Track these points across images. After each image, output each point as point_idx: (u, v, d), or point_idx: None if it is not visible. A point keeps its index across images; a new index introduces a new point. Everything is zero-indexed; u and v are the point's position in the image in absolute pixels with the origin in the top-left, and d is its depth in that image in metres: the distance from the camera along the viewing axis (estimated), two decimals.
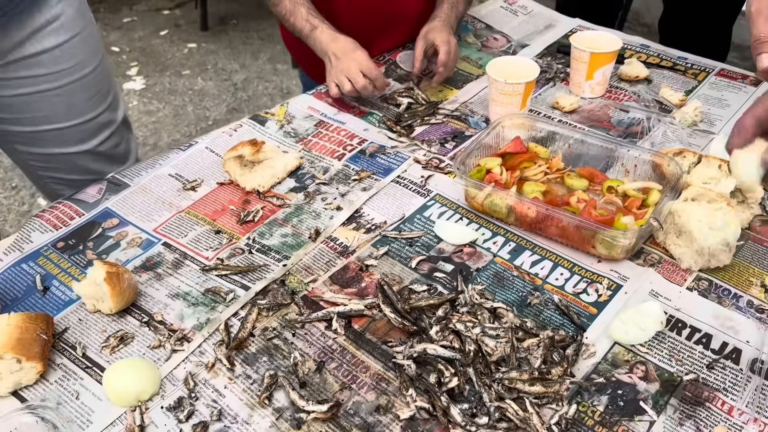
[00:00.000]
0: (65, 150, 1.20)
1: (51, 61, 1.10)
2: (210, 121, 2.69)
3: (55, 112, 1.15)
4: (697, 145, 1.11)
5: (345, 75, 1.20)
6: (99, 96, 1.20)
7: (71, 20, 1.11)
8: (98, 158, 1.24)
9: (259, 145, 1.05)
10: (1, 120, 1.15)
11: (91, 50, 1.17)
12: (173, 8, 3.47)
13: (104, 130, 1.23)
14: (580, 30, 1.46)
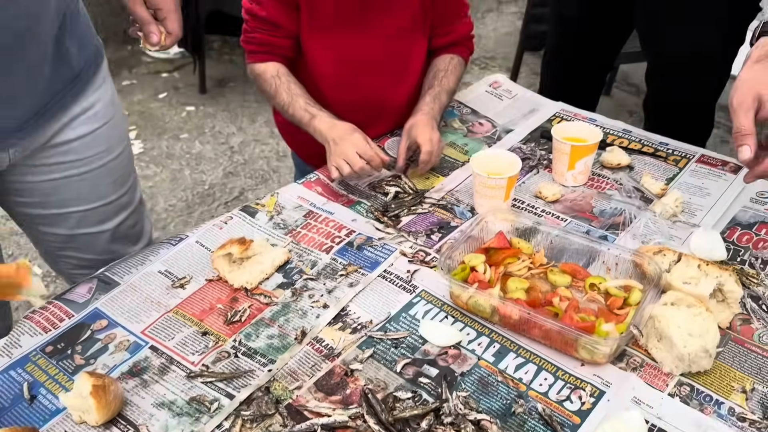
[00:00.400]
0: (87, 230, 1.25)
1: (82, 148, 1.16)
2: (206, 185, 2.73)
3: (80, 195, 1.21)
4: (678, 237, 1.13)
5: (343, 158, 1.23)
6: (122, 179, 1.26)
7: (104, 108, 1.17)
8: (116, 238, 1.29)
9: (248, 244, 1.07)
10: (27, 204, 1.19)
11: (118, 136, 1.23)
12: (172, 71, 3.55)
13: (123, 211, 1.29)
14: (563, 114, 1.50)
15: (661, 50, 1.60)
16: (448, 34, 1.43)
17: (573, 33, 1.79)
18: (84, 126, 1.14)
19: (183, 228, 2.49)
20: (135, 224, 1.34)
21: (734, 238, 1.13)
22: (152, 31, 1.16)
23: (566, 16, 1.78)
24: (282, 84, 1.35)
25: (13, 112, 1.03)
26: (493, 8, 4.21)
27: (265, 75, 1.37)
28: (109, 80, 1.21)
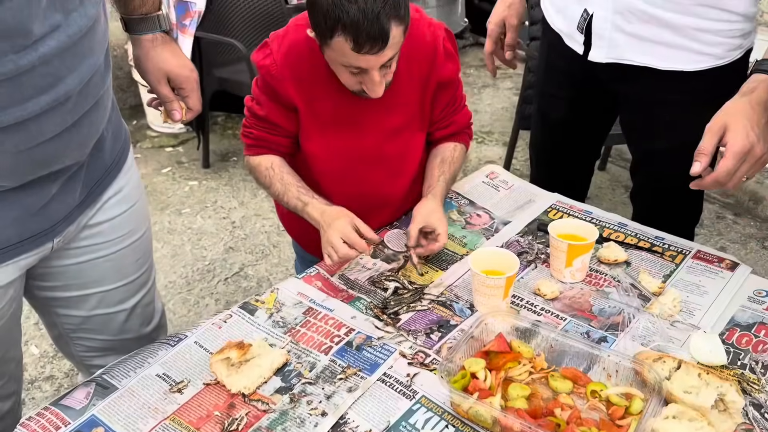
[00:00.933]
0: (104, 311, 1.26)
1: (110, 230, 1.19)
2: (207, 261, 2.74)
3: (104, 276, 1.23)
4: (678, 339, 1.13)
5: (330, 247, 1.25)
6: (144, 257, 1.29)
7: (131, 190, 1.22)
8: (132, 317, 1.30)
9: (246, 348, 1.07)
10: (48, 288, 1.20)
11: (143, 217, 1.27)
12: (176, 145, 3.62)
13: (141, 290, 1.31)
14: (559, 206, 1.52)
15: (647, 145, 1.62)
16: (447, 127, 1.47)
17: (559, 132, 1.79)
18: (114, 209, 1.18)
19: (182, 306, 2.49)
20: (150, 303, 1.36)
21: (733, 340, 1.13)
22: (175, 108, 1.24)
23: (551, 116, 1.79)
24: (275, 175, 1.39)
25: (70, 199, 1.08)
26: (489, 84, 4.34)
27: (259, 167, 1.41)
28: (135, 164, 1.26)
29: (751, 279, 1.27)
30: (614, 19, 1.44)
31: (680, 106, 1.48)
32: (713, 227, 2.89)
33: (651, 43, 1.43)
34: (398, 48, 1.20)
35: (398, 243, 1.42)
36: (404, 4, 1.16)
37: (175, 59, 1.22)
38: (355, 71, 1.20)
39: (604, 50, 1.49)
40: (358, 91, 1.26)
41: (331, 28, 1.13)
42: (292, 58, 1.30)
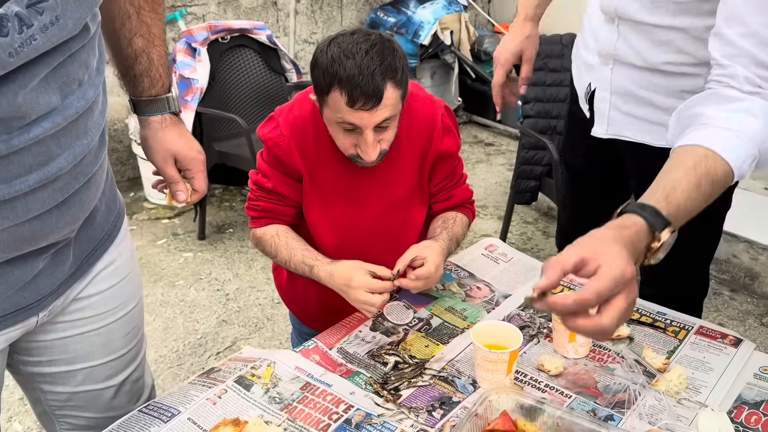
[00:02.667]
0: (92, 387, 1.20)
1: (100, 303, 1.15)
2: (198, 335, 2.69)
3: (92, 350, 1.17)
4: (685, 417, 1.10)
5: (362, 304, 1.27)
6: (133, 332, 1.24)
7: (123, 263, 1.17)
8: (121, 393, 1.25)
9: (242, 425, 1.03)
10: (33, 363, 1.15)
11: (134, 290, 1.23)
12: (172, 217, 3.63)
13: (131, 365, 1.25)
14: None
15: None
16: (447, 200, 1.49)
17: (580, 179, 1.86)
18: (104, 281, 1.14)
19: (171, 381, 2.42)
20: (139, 378, 1.31)
21: (742, 419, 1.10)
22: (180, 190, 1.23)
23: (571, 164, 1.89)
24: (281, 242, 1.39)
25: (59, 272, 1.04)
26: (483, 160, 4.42)
27: (265, 236, 1.41)
28: (128, 235, 1.22)
29: (756, 355, 1.25)
30: (612, 99, 1.54)
31: None
32: (710, 303, 2.88)
33: (646, 122, 1.51)
34: (394, 111, 1.22)
35: (398, 315, 1.40)
36: (401, 70, 1.20)
37: (183, 141, 1.22)
38: (348, 128, 1.22)
39: (604, 126, 1.60)
40: (353, 156, 1.28)
41: (328, 83, 1.17)
42: (298, 131, 1.33)
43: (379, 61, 1.16)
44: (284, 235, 1.39)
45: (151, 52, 1.17)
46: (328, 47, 1.19)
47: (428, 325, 1.37)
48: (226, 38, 3.22)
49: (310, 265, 1.33)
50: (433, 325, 1.37)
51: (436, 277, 1.30)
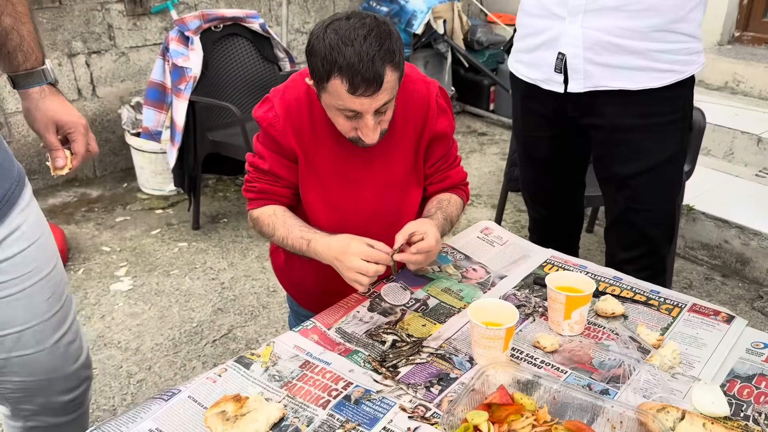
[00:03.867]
0: (23, 352, 1.23)
1: (12, 269, 1.18)
2: (194, 323, 2.69)
3: (14, 316, 1.20)
4: (679, 391, 1.12)
5: (356, 272, 1.24)
6: (55, 296, 1.27)
7: (31, 228, 1.21)
8: (55, 356, 1.27)
9: (243, 401, 1.04)
10: None
11: (48, 254, 1.26)
12: (166, 207, 3.62)
13: (60, 328, 1.28)
14: (554, 261, 1.54)
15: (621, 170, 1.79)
16: (442, 181, 1.50)
17: (544, 169, 2.03)
18: (12, 247, 1.17)
19: (168, 369, 2.42)
20: (72, 341, 1.33)
21: (735, 392, 1.12)
22: (58, 156, 1.27)
23: (535, 156, 2.02)
24: (278, 220, 1.39)
25: None
26: (476, 149, 4.43)
27: (262, 216, 1.41)
28: (34, 201, 1.27)
29: (748, 331, 1.27)
30: (585, 54, 1.67)
31: (645, 129, 1.71)
32: (702, 289, 2.91)
33: (621, 69, 1.66)
34: (393, 94, 1.23)
35: (395, 296, 1.41)
36: (399, 52, 1.20)
37: (63, 108, 1.27)
38: (350, 115, 1.23)
39: (581, 82, 1.71)
40: (354, 138, 1.28)
41: (328, 71, 1.17)
42: (293, 112, 1.34)
43: (378, 46, 1.16)
44: (281, 213, 1.39)
45: (20, 29, 1.23)
46: (325, 33, 1.18)
47: (425, 306, 1.39)
48: (219, 27, 3.21)
49: (307, 239, 1.33)
50: (430, 306, 1.39)
51: (435, 251, 1.31)
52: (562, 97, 1.75)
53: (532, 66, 1.81)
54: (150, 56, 3.92)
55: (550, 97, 1.79)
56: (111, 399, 2.27)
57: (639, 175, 1.75)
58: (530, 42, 1.79)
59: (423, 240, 1.28)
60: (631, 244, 1.83)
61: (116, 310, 2.75)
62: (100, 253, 3.18)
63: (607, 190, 1.87)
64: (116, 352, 2.50)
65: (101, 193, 3.76)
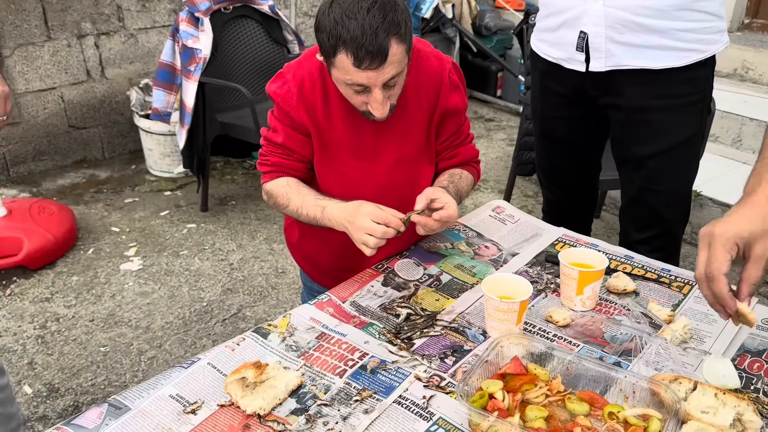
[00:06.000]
0: None
1: None
2: (204, 302, 2.71)
3: None
4: (690, 364, 1.14)
5: (364, 232, 1.25)
6: None
7: None
8: None
9: (263, 368, 1.06)
10: None
11: None
12: (175, 189, 3.64)
13: None
14: (565, 239, 1.55)
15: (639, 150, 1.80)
16: (453, 158, 1.51)
17: (561, 149, 2.04)
18: None
19: (179, 347, 2.45)
20: None
21: (745, 366, 1.14)
22: None
23: (552, 136, 2.02)
24: (292, 190, 1.40)
25: None
26: (483, 135, 4.43)
27: (276, 188, 1.43)
28: None
29: (759, 308, 1.29)
30: (607, 32, 1.67)
31: (664, 110, 1.72)
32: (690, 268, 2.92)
33: (642, 48, 1.66)
34: (401, 68, 1.23)
35: (408, 272, 1.43)
36: (404, 24, 1.20)
37: None
38: (358, 89, 1.23)
39: (603, 60, 1.71)
40: (366, 112, 1.29)
41: (333, 45, 1.18)
42: (306, 87, 1.35)
43: (381, 18, 1.16)
44: (295, 184, 1.41)
45: None
46: (330, 8, 1.19)
47: (438, 281, 1.40)
48: (229, 8, 3.21)
49: (322, 206, 1.33)
50: (443, 281, 1.40)
51: (454, 219, 1.32)
52: (582, 76, 1.76)
53: (554, 45, 1.81)
54: (159, 38, 3.92)
55: (570, 76, 1.79)
56: (122, 376, 2.30)
57: (657, 155, 1.75)
58: (552, 21, 1.79)
59: (444, 209, 1.29)
60: (646, 225, 1.83)
61: (126, 289, 2.78)
62: (110, 234, 3.20)
63: (624, 170, 1.88)
64: (127, 330, 2.53)
65: (110, 174, 3.78)
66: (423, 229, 1.32)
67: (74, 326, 2.54)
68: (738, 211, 1.00)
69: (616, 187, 2.65)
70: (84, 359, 2.37)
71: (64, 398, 2.19)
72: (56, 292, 2.75)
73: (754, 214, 0.98)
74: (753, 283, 1.00)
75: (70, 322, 2.57)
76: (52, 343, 2.45)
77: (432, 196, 1.30)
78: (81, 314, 2.62)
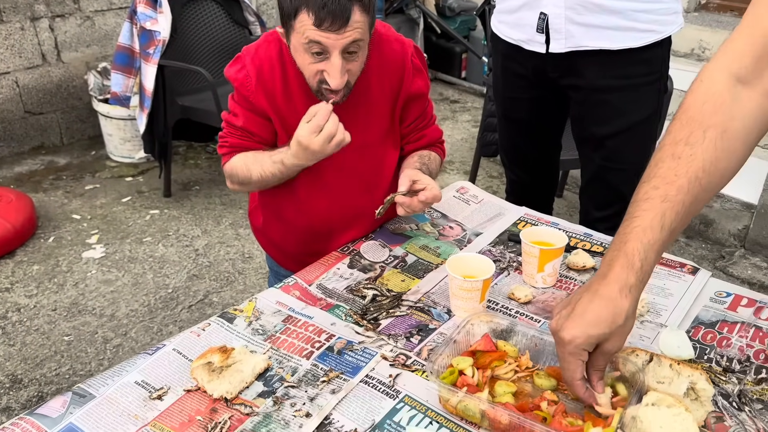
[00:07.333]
0: None
1: None
2: (169, 289, 2.69)
3: None
4: (647, 337, 1.18)
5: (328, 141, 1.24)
6: None
7: None
8: None
9: (229, 352, 1.06)
10: None
11: None
12: (136, 175, 3.57)
13: None
14: (527, 218, 1.58)
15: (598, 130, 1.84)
16: (419, 140, 1.51)
17: (523, 130, 2.07)
18: None
19: (144, 334, 2.43)
20: None
21: (699, 337, 1.18)
22: None
23: (514, 117, 2.05)
24: (249, 159, 1.38)
25: None
26: (449, 117, 4.45)
27: (235, 164, 1.41)
28: None
29: (712, 281, 1.34)
30: (567, 14, 1.70)
31: (623, 90, 1.76)
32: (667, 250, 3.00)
33: (601, 28, 1.70)
34: (362, 36, 1.22)
35: (374, 254, 1.44)
36: None
37: None
38: (316, 50, 1.21)
39: (563, 42, 1.74)
40: (321, 89, 1.27)
41: (295, 6, 1.18)
42: (265, 72, 1.33)
43: None
44: (251, 154, 1.39)
45: None
46: None
47: (404, 262, 1.42)
48: None
49: (280, 160, 1.32)
50: (409, 262, 1.42)
51: (439, 199, 1.34)
52: (543, 57, 1.78)
53: (515, 26, 1.83)
54: (116, 20, 3.82)
55: (531, 58, 1.81)
56: (87, 365, 2.27)
57: (616, 135, 1.79)
58: (513, 2, 1.81)
59: (428, 190, 1.31)
60: (605, 203, 1.88)
61: (89, 277, 2.73)
62: (71, 221, 3.13)
63: (584, 150, 1.92)
64: (91, 319, 2.49)
65: (69, 161, 3.69)
66: (405, 210, 1.33)
67: (36, 316, 2.50)
68: (589, 308, 0.90)
69: (577, 166, 2.70)
70: (47, 349, 2.33)
71: (27, 389, 2.16)
72: (16, 282, 2.69)
73: (605, 313, 0.89)
74: (600, 370, 0.94)
75: (32, 312, 2.52)
76: (13, 334, 2.40)
77: (414, 178, 1.31)
78: (43, 303, 2.57)
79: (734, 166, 0.94)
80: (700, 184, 0.91)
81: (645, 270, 0.90)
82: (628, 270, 0.89)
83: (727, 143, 0.91)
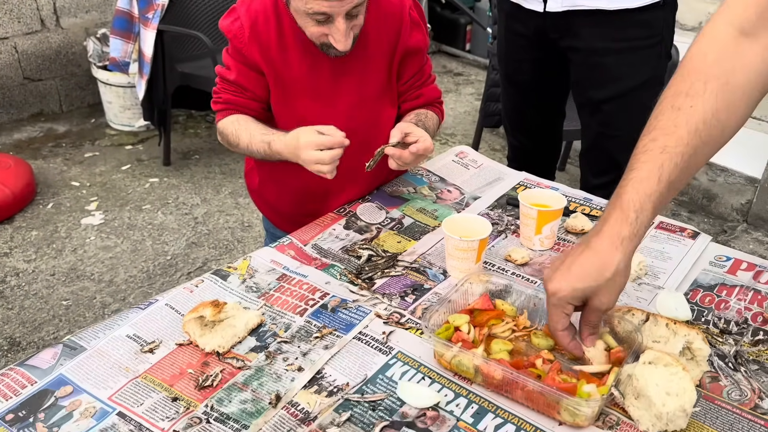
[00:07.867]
0: None
1: None
2: (168, 256, 2.68)
3: None
4: (644, 299, 1.17)
5: (313, 164, 1.24)
6: None
7: None
8: None
9: (221, 306, 1.05)
10: None
11: None
12: (136, 143, 3.55)
13: None
14: (527, 183, 1.56)
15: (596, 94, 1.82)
16: (417, 98, 1.49)
17: (526, 92, 2.05)
18: None
19: (143, 299, 2.42)
20: None
21: (697, 299, 1.17)
22: None
23: (517, 78, 2.03)
24: (241, 127, 1.37)
25: None
26: (452, 89, 4.40)
27: (226, 126, 1.40)
28: None
29: (712, 246, 1.32)
30: None
31: (620, 53, 1.73)
32: None
33: None
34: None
35: (371, 215, 1.42)
36: None
37: None
38: (320, 18, 1.20)
39: (559, 0, 1.72)
40: (324, 45, 1.26)
41: None
42: (260, 23, 1.31)
43: None
44: (244, 120, 1.37)
45: None
46: None
47: (400, 224, 1.40)
48: None
49: (268, 141, 1.31)
50: (405, 224, 1.40)
51: (430, 151, 1.31)
52: (542, 17, 1.75)
53: None
54: None
55: (531, 17, 1.79)
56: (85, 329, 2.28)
57: (612, 99, 1.77)
58: None
59: (419, 142, 1.28)
60: (603, 170, 1.87)
61: (88, 243, 2.73)
62: (70, 188, 3.12)
63: (583, 115, 1.89)
64: (90, 284, 2.49)
65: (68, 128, 3.67)
66: (396, 162, 1.30)
67: (34, 281, 2.50)
68: (577, 261, 0.89)
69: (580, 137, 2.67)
70: (46, 313, 2.34)
71: (25, 351, 2.16)
72: (15, 247, 2.69)
73: (592, 267, 0.87)
74: (593, 326, 0.93)
75: (30, 277, 2.52)
76: (11, 298, 2.40)
77: (406, 130, 1.29)
78: (41, 268, 2.57)
79: (735, 121, 0.92)
80: (699, 137, 0.88)
81: (641, 221, 0.88)
82: (621, 222, 0.88)
83: (728, 95, 0.89)
